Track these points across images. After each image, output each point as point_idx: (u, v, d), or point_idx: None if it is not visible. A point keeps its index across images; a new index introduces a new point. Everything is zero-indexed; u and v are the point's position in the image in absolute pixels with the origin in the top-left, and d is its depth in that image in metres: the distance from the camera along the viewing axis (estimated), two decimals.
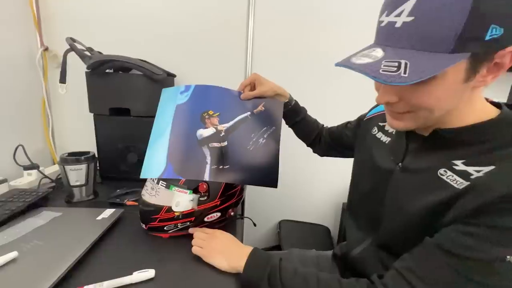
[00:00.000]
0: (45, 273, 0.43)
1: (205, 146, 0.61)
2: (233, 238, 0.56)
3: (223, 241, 0.54)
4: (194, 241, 0.55)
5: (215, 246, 0.53)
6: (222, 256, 0.51)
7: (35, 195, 0.69)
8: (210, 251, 0.52)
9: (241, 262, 0.48)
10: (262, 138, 0.67)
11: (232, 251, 0.51)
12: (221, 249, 0.52)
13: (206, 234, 0.56)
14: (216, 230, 0.58)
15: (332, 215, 1.37)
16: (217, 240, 0.54)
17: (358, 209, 0.58)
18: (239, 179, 0.62)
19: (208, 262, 0.51)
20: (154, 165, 0.60)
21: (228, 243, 0.54)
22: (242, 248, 0.52)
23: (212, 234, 0.56)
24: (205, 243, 0.54)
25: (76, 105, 1.04)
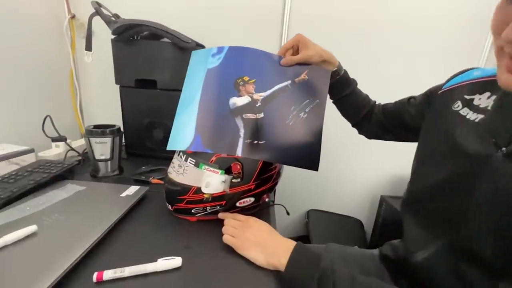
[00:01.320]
0: (63, 253, 0.39)
1: (239, 117, 0.52)
2: (271, 228, 0.48)
3: (260, 231, 0.46)
4: (225, 228, 0.48)
5: (250, 236, 0.45)
6: (258, 249, 0.43)
7: (60, 167, 0.66)
8: (244, 242, 0.45)
9: (282, 259, 0.40)
10: (303, 112, 0.57)
11: (270, 244, 0.44)
12: (257, 240, 0.44)
13: (238, 222, 0.49)
14: (249, 217, 0.50)
15: (366, 207, 1.25)
16: (252, 229, 0.47)
17: (425, 203, 0.46)
18: (276, 158, 0.53)
19: (241, 254, 0.44)
20: (181, 136, 0.53)
21: (266, 234, 0.46)
22: (283, 242, 0.44)
23: (246, 222, 0.49)
24: (238, 232, 0.46)
25: (103, 77, 1.00)
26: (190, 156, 0.51)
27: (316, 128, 0.57)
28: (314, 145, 0.56)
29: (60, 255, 0.38)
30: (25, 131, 0.83)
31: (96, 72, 1.02)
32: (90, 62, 1.00)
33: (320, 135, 0.57)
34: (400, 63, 1.06)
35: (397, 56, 1.06)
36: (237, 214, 0.52)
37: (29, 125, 0.83)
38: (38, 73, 0.89)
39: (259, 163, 0.52)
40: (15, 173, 0.61)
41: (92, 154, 0.71)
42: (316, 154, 0.56)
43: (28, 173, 0.62)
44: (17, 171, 0.62)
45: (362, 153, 1.16)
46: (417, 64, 1.06)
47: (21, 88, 0.84)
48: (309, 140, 0.56)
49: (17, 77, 0.82)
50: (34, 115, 0.81)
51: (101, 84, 1.02)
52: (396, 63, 1.06)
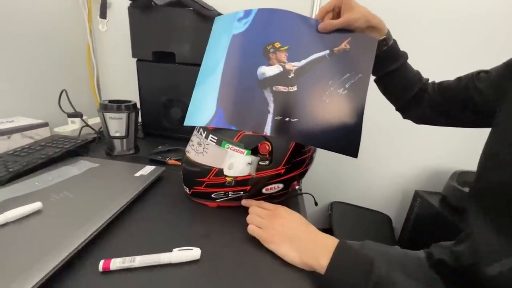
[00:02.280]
0: (67, 235, 0.34)
1: (268, 89, 0.44)
2: (304, 221, 0.40)
3: (292, 222, 0.39)
4: (250, 217, 0.41)
5: (280, 228, 0.38)
6: (291, 244, 0.36)
7: (74, 143, 0.62)
8: (273, 235, 0.37)
9: (321, 260, 0.33)
10: (343, 88, 0.48)
11: (305, 239, 0.36)
12: (289, 233, 0.37)
13: (266, 211, 0.42)
14: (279, 206, 0.43)
15: (396, 202, 1.15)
16: (283, 220, 0.39)
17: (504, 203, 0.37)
18: (309, 140, 0.45)
19: (270, 248, 0.37)
20: (201, 109, 0.46)
21: (300, 227, 0.39)
22: (321, 238, 0.37)
23: (275, 212, 0.41)
24: (266, 223, 0.39)
25: (120, 51, 0.95)
26: (211, 133, 0.44)
27: (357, 107, 0.48)
28: (354, 128, 0.47)
29: (63, 238, 0.33)
30: (41, 106, 0.80)
31: (114, 46, 0.97)
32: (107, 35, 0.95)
33: (361, 116, 0.48)
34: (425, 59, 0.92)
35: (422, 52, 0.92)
36: (263, 202, 0.45)
37: (46, 100, 0.80)
38: (55, 47, 0.85)
39: (291, 144, 0.45)
40: (28, 146, 0.58)
41: (107, 130, 0.66)
42: (356, 138, 0.47)
43: (41, 147, 0.58)
44: (30, 145, 0.59)
45: (392, 143, 1.05)
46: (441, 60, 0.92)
47: (37, 61, 0.80)
48: (348, 121, 0.47)
49: (33, 51, 0.79)
50: (51, 89, 0.77)
51: (118, 59, 0.97)
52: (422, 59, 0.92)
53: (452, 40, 0.94)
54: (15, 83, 0.75)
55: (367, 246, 0.55)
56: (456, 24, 0.92)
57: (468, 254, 0.42)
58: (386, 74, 0.54)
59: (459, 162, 1.01)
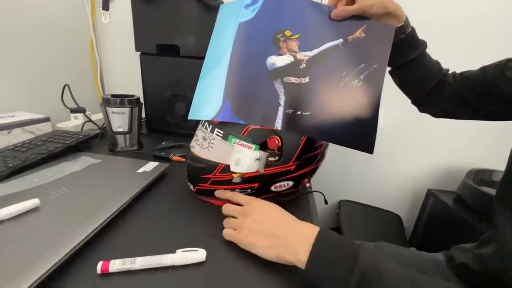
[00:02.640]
0: (64, 235, 0.32)
1: (278, 80, 0.42)
2: (282, 212, 0.37)
3: (267, 217, 0.36)
4: (226, 221, 0.38)
5: (255, 226, 0.34)
6: (268, 242, 0.32)
7: (76, 138, 0.60)
8: (249, 235, 0.34)
9: (301, 254, 0.30)
10: (357, 79, 0.45)
11: (282, 234, 0.33)
12: (264, 230, 0.34)
13: (238, 208, 0.39)
14: (253, 199, 0.39)
15: (406, 201, 1.11)
16: (258, 215, 0.36)
17: None
18: (322, 134, 0.42)
19: (249, 250, 0.34)
20: (206, 102, 0.43)
21: (276, 221, 0.35)
22: (300, 228, 0.33)
23: (249, 207, 0.38)
24: (240, 223, 0.36)
25: (123, 45, 0.92)
26: (217, 127, 0.42)
27: (373, 100, 0.45)
28: (370, 122, 0.44)
29: (60, 238, 0.31)
30: (44, 101, 0.78)
31: (117, 40, 0.94)
32: (110, 29, 0.93)
33: (377, 110, 0.45)
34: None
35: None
36: (236, 194, 0.42)
37: (48, 95, 0.78)
38: (58, 41, 0.83)
39: (302, 139, 0.42)
40: (28, 141, 0.56)
41: (109, 125, 0.64)
42: (372, 133, 0.44)
43: (42, 142, 0.57)
44: (31, 140, 0.57)
45: (404, 139, 1.01)
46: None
47: (40, 56, 0.79)
48: (363, 115, 0.44)
49: (36, 45, 0.77)
50: (54, 85, 0.75)
51: (122, 53, 0.95)
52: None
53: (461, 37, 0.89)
54: (17, 78, 0.73)
55: (381, 247, 0.52)
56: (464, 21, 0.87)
57: (495, 257, 0.38)
58: (403, 64, 0.51)
59: (475, 160, 0.97)
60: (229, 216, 0.39)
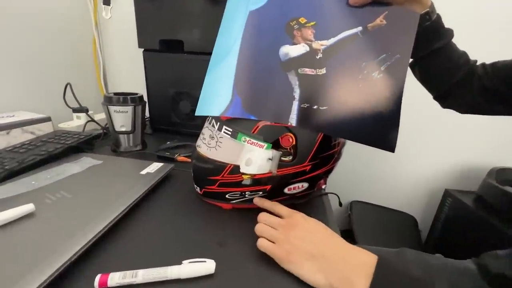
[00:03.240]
0: (60, 244, 0.29)
1: (292, 72, 0.38)
2: (330, 232, 0.33)
3: (314, 235, 0.32)
4: (259, 228, 0.34)
5: (300, 243, 0.31)
6: (315, 265, 0.29)
7: (77, 138, 0.58)
8: (291, 252, 0.30)
9: (358, 284, 0.26)
10: (378, 71, 0.40)
11: (333, 257, 0.29)
12: (311, 250, 0.30)
13: (278, 220, 0.35)
14: (295, 213, 0.36)
15: (422, 202, 1.06)
16: (302, 232, 0.32)
17: None
18: (340, 131, 0.39)
19: (288, 269, 0.30)
20: (214, 97, 0.40)
21: (325, 240, 0.31)
22: (354, 254, 0.30)
23: (291, 220, 0.34)
24: (280, 236, 0.32)
25: (126, 42, 0.90)
26: (225, 124, 0.38)
27: (395, 93, 0.40)
28: (391, 117, 0.40)
29: (54, 248, 0.28)
30: (46, 101, 0.76)
31: (120, 37, 0.92)
32: (112, 26, 0.91)
33: (399, 104, 0.40)
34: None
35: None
36: (277, 204, 0.38)
37: (50, 94, 0.76)
38: (59, 40, 0.81)
39: (319, 136, 0.38)
40: (28, 142, 0.54)
41: (112, 125, 0.61)
42: (394, 129, 0.40)
43: (42, 143, 0.54)
44: (31, 141, 0.55)
45: (419, 138, 0.96)
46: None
47: (41, 55, 0.77)
48: (384, 110, 0.40)
49: (37, 44, 0.75)
50: (56, 84, 0.73)
51: (125, 51, 0.92)
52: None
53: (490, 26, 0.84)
54: (17, 77, 0.71)
55: (404, 255, 0.48)
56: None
57: None
58: (427, 55, 0.46)
59: (496, 158, 0.91)
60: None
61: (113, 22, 0.87)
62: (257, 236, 0.33)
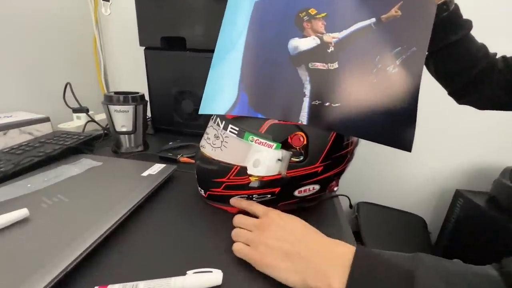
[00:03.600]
0: (55, 253, 0.26)
1: (302, 67, 0.36)
2: (308, 227, 0.31)
3: (290, 233, 0.29)
4: (234, 232, 0.32)
5: (274, 243, 0.28)
6: (291, 265, 0.26)
7: (76, 139, 0.56)
8: (265, 254, 0.28)
9: (334, 281, 0.24)
10: (393, 65, 0.38)
11: (309, 254, 0.27)
12: (286, 249, 0.28)
13: (253, 220, 0.33)
14: (270, 210, 0.33)
15: (431, 203, 1.03)
16: (278, 230, 0.30)
17: None
18: (354, 130, 0.36)
19: (263, 271, 0.28)
20: (219, 95, 0.38)
21: (301, 238, 0.29)
22: (331, 248, 0.27)
23: (265, 219, 0.32)
24: (254, 237, 0.30)
25: (128, 41, 0.88)
26: (231, 123, 0.36)
27: (411, 89, 0.38)
28: (408, 114, 0.37)
29: (49, 258, 0.26)
30: (45, 101, 0.74)
31: (121, 35, 0.90)
32: (113, 25, 0.89)
33: (416, 100, 0.38)
34: None
35: None
36: (253, 203, 0.36)
37: (50, 94, 0.74)
38: (59, 38, 0.80)
39: (331, 135, 0.36)
40: (25, 143, 0.52)
41: (112, 125, 0.59)
42: (410, 127, 0.37)
43: (40, 144, 0.52)
44: (28, 142, 0.53)
45: (428, 136, 0.93)
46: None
47: (41, 54, 0.75)
48: (400, 106, 0.37)
49: (36, 43, 0.73)
50: (55, 83, 0.71)
51: (126, 49, 0.91)
52: None
53: None
54: (16, 77, 0.69)
55: (419, 260, 0.45)
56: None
57: None
58: (445, 48, 0.44)
59: (509, 158, 0.88)
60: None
61: (113, 20, 0.85)
62: (232, 241, 0.31)
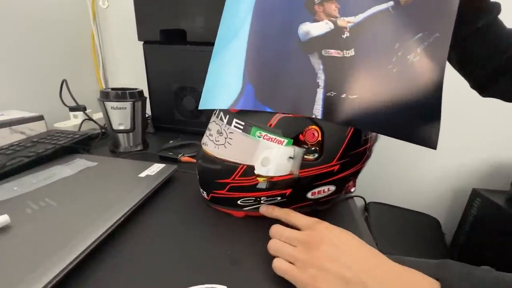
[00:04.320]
0: (36, 265, 0.23)
1: (315, 54, 0.32)
2: (366, 246, 0.26)
3: (346, 251, 0.25)
4: (273, 245, 0.27)
5: (325, 262, 0.24)
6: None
7: (71, 138, 0.52)
8: (317, 278, 0.23)
9: None
10: (414, 52, 0.34)
11: (374, 279, 0.22)
12: (344, 273, 0.23)
13: (297, 233, 0.27)
14: (317, 221, 0.28)
15: (445, 203, 0.98)
16: (332, 250, 0.24)
17: None
18: (374, 124, 0.32)
19: None
20: (222, 87, 0.34)
21: (364, 261, 0.24)
22: (404, 277, 0.23)
23: (315, 233, 0.26)
24: (302, 256, 0.25)
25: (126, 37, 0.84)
26: (236, 117, 0.32)
27: (435, 79, 0.33)
28: (431, 107, 0.33)
29: (29, 271, 0.22)
30: (41, 99, 0.72)
31: (120, 31, 0.87)
32: (111, 20, 0.86)
33: (440, 92, 0.33)
34: None
35: None
36: (292, 212, 0.31)
37: (46, 92, 0.71)
38: (55, 34, 0.77)
39: (349, 130, 0.32)
40: (17, 143, 0.49)
41: (109, 123, 0.56)
42: (435, 121, 0.33)
43: (32, 144, 0.49)
44: (20, 142, 0.50)
45: (443, 132, 0.88)
46: None
47: (36, 51, 0.72)
48: (423, 99, 0.33)
49: (32, 39, 0.70)
50: (52, 81, 0.68)
51: (125, 45, 0.87)
52: None
53: None
54: (9, 74, 0.66)
55: (446, 266, 0.41)
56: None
57: None
58: (470, 34, 0.39)
59: None
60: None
61: (112, 15, 0.82)
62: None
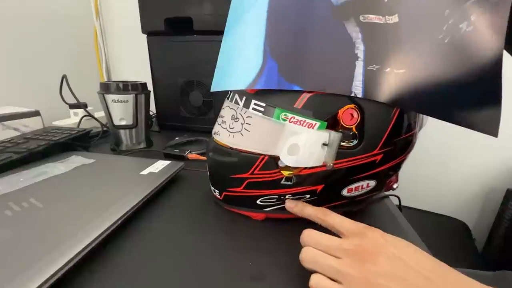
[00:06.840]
0: (12, 279, 0.17)
1: (351, 21, 0.26)
2: (432, 259, 0.20)
3: (410, 266, 0.19)
4: (309, 255, 0.21)
5: (382, 279, 0.18)
6: None
7: (67, 134, 0.48)
8: None
9: None
10: (467, 21, 0.28)
11: None
12: None
13: (339, 241, 0.21)
14: (368, 229, 0.22)
15: (475, 205, 0.90)
16: (388, 263, 0.19)
17: None
18: (426, 105, 0.26)
19: None
20: (238, 64, 0.28)
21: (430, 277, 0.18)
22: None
23: (365, 240, 0.20)
24: (350, 270, 0.19)
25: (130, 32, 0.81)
26: (255, 98, 0.26)
27: (492, 53, 0.27)
28: (489, 87, 0.27)
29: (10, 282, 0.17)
30: (40, 96, 0.68)
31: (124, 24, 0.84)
32: (115, 14, 0.83)
33: (499, 69, 0.27)
34: None
35: None
36: (330, 213, 0.25)
37: (46, 89, 0.67)
38: (56, 28, 0.73)
39: (394, 112, 0.26)
40: (8, 140, 0.44)
41: (110, 118, 0.51)
42: (494, 104, 0.27)
43: (25, 140, 0.44)
44: (12, 138, 0.45)
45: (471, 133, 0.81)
46: None
47: (36, 45, 0.69)
48: (479, 76, 0.27)
49: (32, 33, 0.67)
50: (52, 77, 0.64)
51: (129, 39, 0.84)
52: None
53: None
54: (8, 70, 0.63)
55: (506, 278, 0.34)
56: None
57: None
58: None
59: None
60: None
61: (114, 6, 0.79)
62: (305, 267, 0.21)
